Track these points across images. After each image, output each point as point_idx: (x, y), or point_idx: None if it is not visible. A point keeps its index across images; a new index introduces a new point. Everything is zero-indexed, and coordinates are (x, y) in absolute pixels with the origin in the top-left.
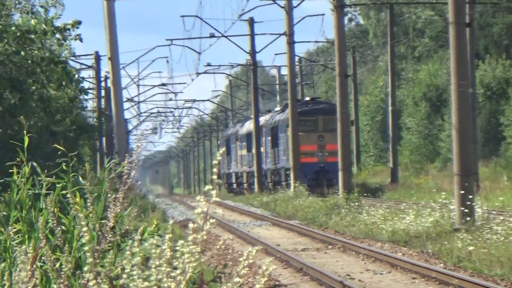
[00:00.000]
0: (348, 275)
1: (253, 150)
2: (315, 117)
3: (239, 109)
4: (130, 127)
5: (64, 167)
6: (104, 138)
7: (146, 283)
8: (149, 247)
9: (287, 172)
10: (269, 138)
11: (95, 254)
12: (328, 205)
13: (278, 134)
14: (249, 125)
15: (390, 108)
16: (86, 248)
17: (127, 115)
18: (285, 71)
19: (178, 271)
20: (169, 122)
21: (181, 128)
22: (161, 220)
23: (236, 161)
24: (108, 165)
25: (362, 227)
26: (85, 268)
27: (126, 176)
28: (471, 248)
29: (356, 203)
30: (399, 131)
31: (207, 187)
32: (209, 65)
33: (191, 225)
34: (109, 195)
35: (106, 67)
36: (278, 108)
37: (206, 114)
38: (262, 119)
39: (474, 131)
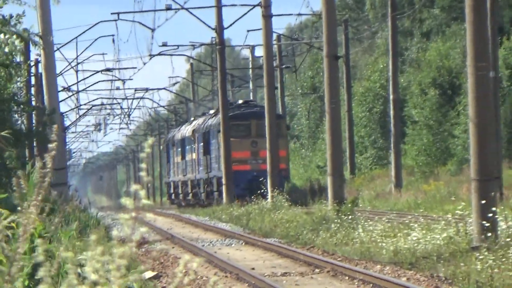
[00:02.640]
0: None
1: (187, 157)
2: (248, 121)
3: (202, 100)
4: (67, 122)
5: None
6: (34, 143)
7: None
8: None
9: (220, 181)
10: (201, 144)
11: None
12: (315, 219)
13: (210, 140)
14: (184, 129)
15: (391, 96)
16: None
17: (63, 107)
18: (260, 51)
19: None
20: (116, 116)
21: (131, 123)
22: (104, 238)
23: (174, 169)
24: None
25: (357, 245)
26: None
27: (39, 183)
28: (493, 270)
29: (350, 216)
30: (402, 126)
31: (134, 186)
32: (165, 45)
33: (115, 233)
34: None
35: (36, 48)
36: (212, 111)
37: (162, 106)
38: (195, 124)
39: (496, 125)
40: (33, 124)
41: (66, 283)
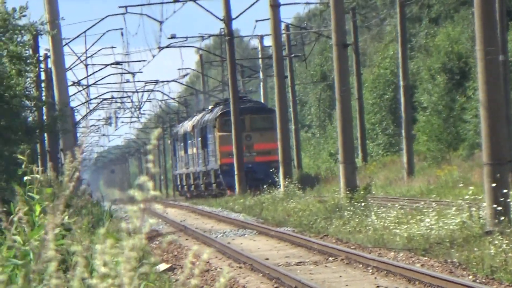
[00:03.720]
0: None
1: (189, 151)
2: (241, 117)
3: (213, 91)
4: (77, 117)
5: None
6: (45, 133)
7: None
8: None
9: (216, 173)
10: (200, 139)
11: (31, 274)
12: (328, 207)
13: (207, 134)
14: (186, 125)
15: (401, 83)
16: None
17: (73, 102)
18: (269, 41)
19: (109, 281)
20: (126, 110)
21: (141, 116)
22: (117, 232)
23: (179, 163)
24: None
25: (370, 233)
26: None
27: (68, 178)
28: (507, 255)
29: (362, 204)
30: (413, 112)
31: (142, 178)
32: (173, 37)
33: (123, 225)
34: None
35: (46, 43)
36: (211, 106)
37: (172, 99)
38: (195, 119)
39: (507, 108)
40: (44, 119)
41: (76, 276)
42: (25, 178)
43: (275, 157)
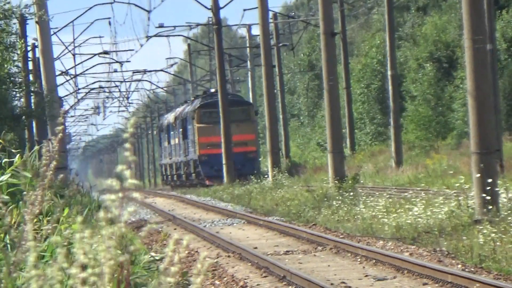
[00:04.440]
0: (343, 282)
1: (172, 142)
2: (219, 109)
3: (201, 80)
4: (66, 106)
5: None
6: (33, 122)
7: None
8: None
9: (196, 164)
10: (181, 130)
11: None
12: (316, 197)
13: (187, 126)
14: (169, 116)
15: (389, 72)
16: None
17: (61, 92)
18: (257, 30)
19: (89, 271)
20: (114, 99)
21: (129, 106)
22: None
23: (164, 153)
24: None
25: (359, 222)
26: None
27: (45, 167)
28: (495, 243)
29: (351, 193)
30: (401, 101)
31: (120, 167)
32: (161, 26)
33: (101, 214)
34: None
35: (33, 33)
36: (192, 98)
37: (161, 88)
38: (177, 111)
39: (495, 97)
40: (32, 107)
41: (56, 265)
42: (3, 160)
43: (252, 148)
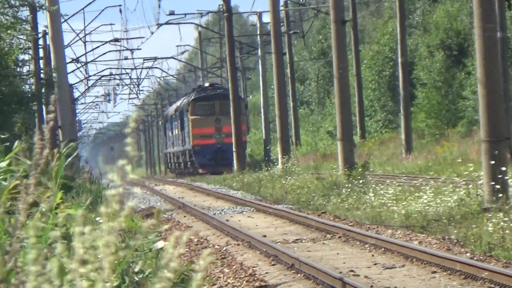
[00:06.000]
0: (351, 270)
1: (174, 132)
2: (212, 102)
3: (211, 68)
4: (76, 94)
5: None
6: (44, 109)
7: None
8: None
9: (190, 153)
10: (179, 121)
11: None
12: (325, 184)
13: (183, 118)
14: (171, 108)
15: (400, 60)
16: None
17: (72, 79)
18: (267, 18)
19: (89, 267)
20: (125, 87)
21: (140, 93)
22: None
23: (168, 142)
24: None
25: (368, 210)
26: None
27: (37, 155)
28: (505, 231)
29: (361, 181)
30: (411, 89)
31: (121, 161)
32: (172, 13)
33: (103, 209)
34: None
35: (44, 20)
36: (191, 92)
37: (171, 75)
38: (179, 102)
39: (505, 85)
40: (43, 92)
41: (55, 260)
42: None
43: (242, 138)
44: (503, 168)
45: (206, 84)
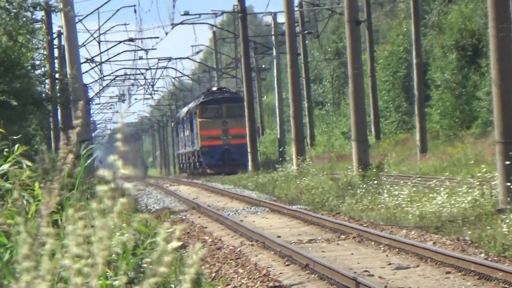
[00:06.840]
0: (365, 271)
1: (186, 133)
2: (219, 105)
3: (226, 68)
4: (90, 94)
5: (6, 153)
6: (59, 110)
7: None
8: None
9: (199, 153)
10: (189, 123)
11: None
12: (340, 185)
13: (192, 120)
14: (183, 110)
15: (414, 61)
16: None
17: (86, 79)
18: (282, 18)
19: (82, 262)
20: (139, 87)
21: (155, 93)
22: (131, 210)
23: (180, 143)
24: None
25: (382, 211)
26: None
27: (62, 161)
28: None
29: (375, 182)
30: (426, 90)
31: (112, 157)
32: (187, 14)
33: (94, 205)
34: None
35: (59, 21)
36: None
37: (186, 75)
38: (190, 105)
39: None
40: (58, 94)
41: (52, 258)
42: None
43: (245, 140)
44: None
45: (214, 88)
